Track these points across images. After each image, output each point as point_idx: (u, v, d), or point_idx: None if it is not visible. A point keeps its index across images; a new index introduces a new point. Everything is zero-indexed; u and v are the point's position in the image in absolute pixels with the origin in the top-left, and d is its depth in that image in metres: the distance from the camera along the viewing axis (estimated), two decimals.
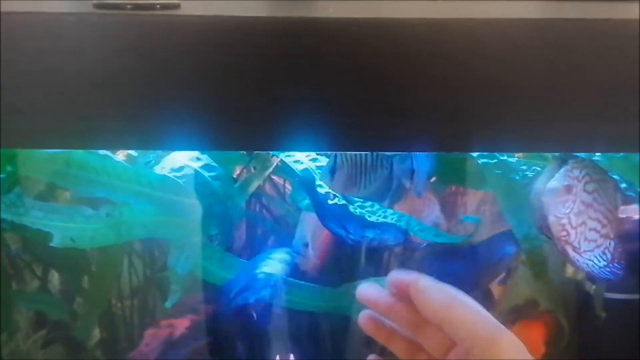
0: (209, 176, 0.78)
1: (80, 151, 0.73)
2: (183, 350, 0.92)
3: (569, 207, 0.68)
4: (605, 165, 0.73)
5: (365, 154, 0.75)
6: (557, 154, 0.70)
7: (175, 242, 0.80)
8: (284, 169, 0.87)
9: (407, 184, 0.76)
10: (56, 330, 1.06)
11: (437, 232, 0.87)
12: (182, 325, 0.92)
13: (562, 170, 0.69)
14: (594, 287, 0.97)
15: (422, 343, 0.39)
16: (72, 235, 0.75)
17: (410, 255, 0.94)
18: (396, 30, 0.53)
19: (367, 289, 0.41)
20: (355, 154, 0.74)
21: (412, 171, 0.76)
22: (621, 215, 0.93)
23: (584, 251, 0.70)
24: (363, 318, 0.42)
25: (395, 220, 0.84)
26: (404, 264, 0.94)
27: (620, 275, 0.73)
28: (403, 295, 0.38)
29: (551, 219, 0.68)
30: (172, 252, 0.80)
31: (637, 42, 0.51)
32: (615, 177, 0.74)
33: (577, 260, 0.70)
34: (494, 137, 0.58)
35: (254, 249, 1.02)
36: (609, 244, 0.71)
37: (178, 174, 0.77)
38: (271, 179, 0.97)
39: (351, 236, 0.83)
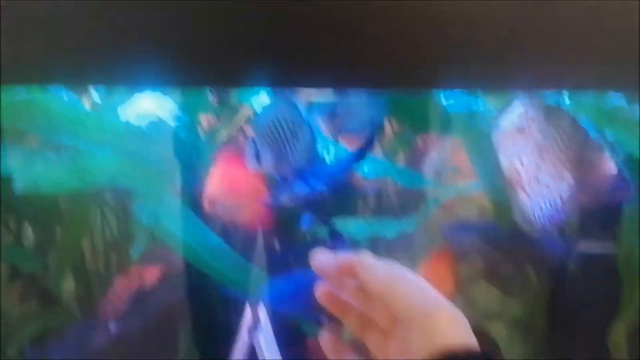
0: (175, 125, 0.77)
1: (43, 96, 0.71)
2: (155, 299, 0.93)
3: (522, 148, 0.67)
4: (574, 110, 0.71)
5: (281, 126, 0.74)
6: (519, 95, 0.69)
7: (140, 192, 0.79)
8: None
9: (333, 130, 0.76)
10: (31, 284, 1.07)
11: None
12: (152, 274, 0.93)
13: (516, 110, 0.68)
14: (565, 239, 0.97)
15: (373, 316, 0.40)
16: (35, 180, 0.74)
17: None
18: None
19: (321, 259, 0.41)
20: (271, 130, 0.73)
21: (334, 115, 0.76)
22: (594, 168, 0.93)
23: (535, 194, 0.69)
24: (319, 290, 0.43)
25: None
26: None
27: (563, 221, 0.71)
28: (350, 272, 0.39)
29: (504, 159, 0.67)
30: (137, 202, 0.79)
31: None
32: (583, 123, 0.72)
33: (526, 203, 0.69)
34: (462, 75, 0.57)
35: None
36: (560, 188, 0.70)
37: (142, 122, 0.76)
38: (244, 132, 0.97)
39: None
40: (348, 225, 0.93)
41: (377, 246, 1.11)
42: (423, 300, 0.36)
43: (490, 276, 1.29)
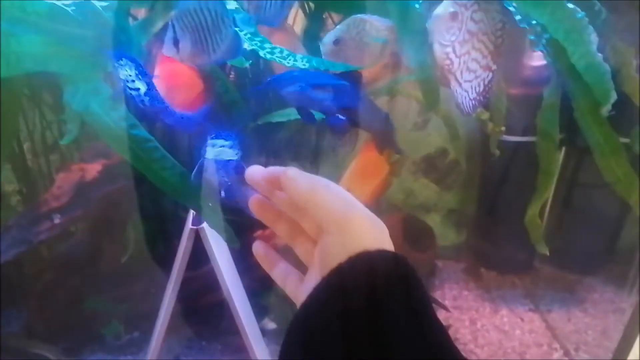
0: (101, 6, 0.74)
1: None
2: (96, 193, 0.94)
3: (454, 34, 0.68)
4: None
5: (204, 17, 0.72)
6: None
7: (69, 77, 0.77)
8: None
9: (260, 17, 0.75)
10: None
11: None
12: (93, 169, 0.93)
13: None
14: (491, 126, 1.01)
15: (302, 225, 0.43)
16: None
17: None
18: None
19: (253, 171, 0.44)
20: (194, 19, 0.71)
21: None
22: (527, 62, 0.96)
23: (464, 81, 0.71)
24: (252, 202, 0.46)
25: (305, 62, 0.83)
26: None
27: (477, 108, 0.74)
28: (277, 184, 0.42)
29: (436, 46, 0.68)
30: (66, 87, 0.77)
31: None
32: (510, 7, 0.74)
33: (456, 91, 0.71)
34: None
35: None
36: (487, 75, 0.72)
37: (66, 2, 0.72)
38: None
39: None
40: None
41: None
42: (340, 208, 0.39)
43: (429, 172, 1.36)
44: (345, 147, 0.97)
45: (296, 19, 1.10)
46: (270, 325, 1.17)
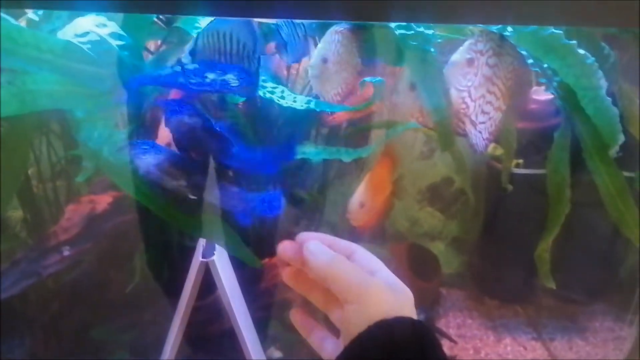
0: (117, 45, 0.74)
1: None
2: (106, 225, 0.94)
3: (470, 80, 0.70)
4: (513, 40, 0.74)
5: (231, 44, 0.72)
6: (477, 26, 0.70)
7: (86, 115, 0.77)
8: None
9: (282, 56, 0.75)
10: None
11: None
12: (103, 201, 0.93)
13: (466, 43, 0.70)
14: (501, 162, 1.02)
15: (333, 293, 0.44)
16: None
17: None
18: None
19: (284, 249, 0.46)
20: (219, 41, 0.71)
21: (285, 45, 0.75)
22: (532, 96, 0.97)
23: (479, 123, 0.73)
24: (286, 275, 0.48)
25: (304, 103, 0.84)
26: None
27: (488, 146, 0.76)
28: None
29: (452, 91, 0.69)
30: (83, 126, 0.77)
31: None
32: (522, 51, 0.75)
33: (470, 132, 0.72)
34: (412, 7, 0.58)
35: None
36: (499, 115, 0.74)
37: (82, 40, 0.73)
38: None
39: None
40: (306, 149, 0.95)
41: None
42: (358, 279, 0.41)
43: (434, 201, 1.37)
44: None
45: None
46: (277, 354, 1.17)
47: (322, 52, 0.80)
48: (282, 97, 0.81)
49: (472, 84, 0.70)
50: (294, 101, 0.81)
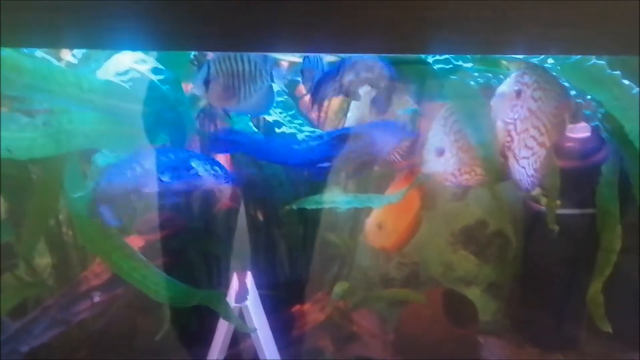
0: (157, 80, 0.74)
1: (14, 53, 0.67)
2: None
3: (517, 112, 0.68)
4: (556, 72, 0.72)
5: (242, 65, 0.72)
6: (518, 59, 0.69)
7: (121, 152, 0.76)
8: None
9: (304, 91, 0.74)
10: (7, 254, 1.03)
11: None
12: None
13: (513, 75, 0.69)
14: (545, 201, 0.98)
15: None
16: (7, 145, 0.70)
17: None
18: None
19: None
20: (231, 64, 0.71)
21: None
22: (570, 134, 0.94)
23: (522, 158, 0.70)
24: None
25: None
26: None
27: (537, 185, 0.73)
28: None
29: (499, 123, 0.68)
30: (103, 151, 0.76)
31: None
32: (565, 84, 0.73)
33: (513, 166, 0.70)
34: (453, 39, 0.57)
35: None
36: (543, 152, 0.71)
37: (123, 78, 0.73)
38: None
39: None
40: (336, 197, 0.94)
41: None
42: None
43: (469, 243, 1.32)
44: None
45: None
46: None
47: None
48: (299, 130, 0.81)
49: (518, 117, 0.68)
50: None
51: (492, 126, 0.71)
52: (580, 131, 0.94)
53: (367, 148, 0.87)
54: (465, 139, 0.75)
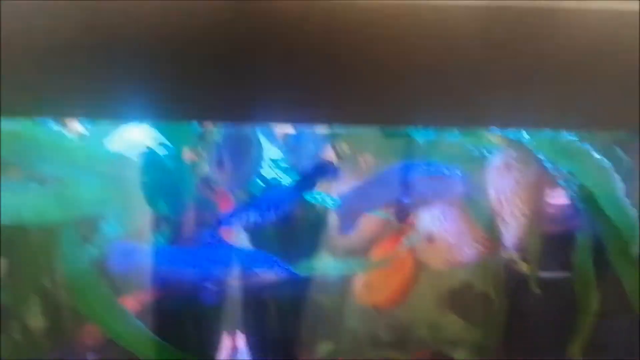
0: (160, 151, 0.79)
1: (29, 125, 0.72)
2: None
3: (506, 183, 0.74)
4: (532, 146, 0.79)
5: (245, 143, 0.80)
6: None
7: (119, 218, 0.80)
8: None
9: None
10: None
11: None
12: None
13: (502, 149, 0.76)
14: (526, 266, 1.03)
15: None
16: (17, 212, 0.74)
17: None
18: (344, 13, 0.57)
19: None
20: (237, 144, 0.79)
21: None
22: (548, 200, 1.01)
23: (509, 225, 0.76)
24: None
25: None
26: None
27: (519, 251, 0.79)
28: None
29: (492, 194, 0.74)
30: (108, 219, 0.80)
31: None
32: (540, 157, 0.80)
33: (504, 234, 0.75)
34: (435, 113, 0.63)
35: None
36: (524, 221, 0.77)
37: (129, 149, 0.78)
38: None
39: None
40: (325, 261, 0.98)
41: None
42: None
43: (456, 306, 1.35)
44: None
45: None
46: None
47: None
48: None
49: (507, 187, 0.74)
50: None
51: (487, 196, 0.77)
52: (558, 198, 1.01)
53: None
54: (453, 224, 0.81)
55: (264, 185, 0.88)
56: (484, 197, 0.79)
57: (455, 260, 0.87)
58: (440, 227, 0.85)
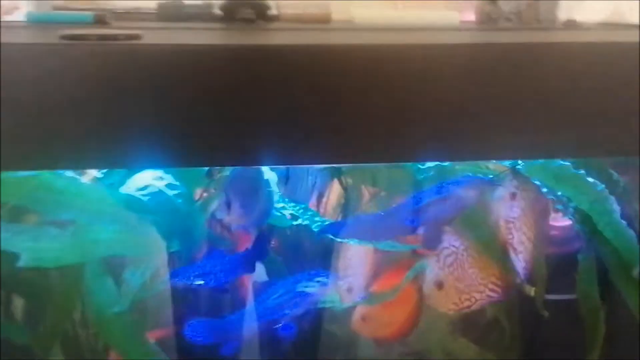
0: (172, 194, 0.83)
1: (48, 174, 0.77)
2: None
3: (515, 212, 0.77)
4: (527, 173, 0.82)
5: (250, 181, 0.84)
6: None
7: (135, 258, 0.84)
8: None
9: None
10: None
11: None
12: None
13: (506, 179, 0.79)
14: (533, 289, 1.05)
15: None
16: (38, 255, 0.78)
17: None
18: (344, 55, 0.61)
19: None
20: (242, 183, 0.83)
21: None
22: (551, 222, 1.03)
23: (519, 252, 0.79)
24: None
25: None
26: None
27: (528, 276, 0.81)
28: None
29: (501, 223, 0.77)
30: (130, 267, 0.84)
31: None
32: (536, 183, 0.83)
33: (514, 261, 0.78)
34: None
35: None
36: (530, 246, 0.80)
37: (142, 193, 0.82)
38: None
39: None
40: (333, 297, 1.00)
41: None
42: None
43: (468, 331, 1.36)
44: None
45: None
46: None
47: None
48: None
49: (515, 216, 0.77)
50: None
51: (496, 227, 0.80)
52: (560, 220, 1.03)
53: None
54: (459, 270, 0.84)
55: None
56: (493, 227, 0.82)
57: (464, 306, 0.88)
58: (449, 272, 0.87)
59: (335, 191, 1.20)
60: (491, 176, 0.86)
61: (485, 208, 0.84)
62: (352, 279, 0.93)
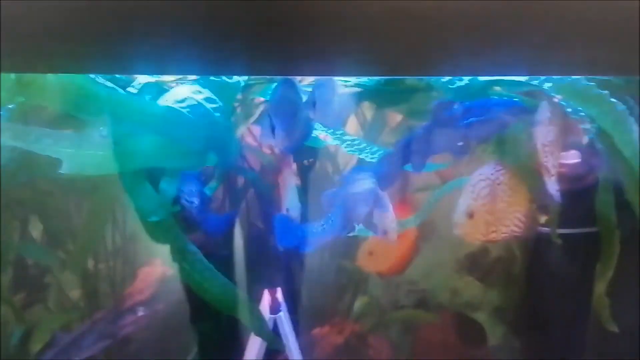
0: (211, 107, 0.84)
1: (89, 82, 0.77)
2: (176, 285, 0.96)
3: (551, 136, 0.81)
4: (554, 92, 0.85)
5: (289, 104, 0.84)
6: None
7: (171, 170, 0.85)
8: None
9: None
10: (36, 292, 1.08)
11: None
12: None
13: (543, 103, 0.82)
14: (545, 219, 1.09)
15: None
16: (80, 162, 0.79)
17: None
18: None
19: None
20: (283, 107, 0.84)
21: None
22: (564, 161, 1.07)
23: (551, 175, 0.82)
24: None
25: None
26: None
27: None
28: None
29: (539, 146, 0.80)
30: (165, 177, 0.85)
31: None
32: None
33: (548, 183, 0.81)
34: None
35: (234, 200, 1.09)
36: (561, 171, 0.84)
37: (182, 105, 0.82)
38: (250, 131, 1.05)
39: None
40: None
41: None
42: None
43: (473, 269, 1.41)
44: None
45: None
46: None
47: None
48: (361, 150, 0.90)
49: (552, 140, 0.80)
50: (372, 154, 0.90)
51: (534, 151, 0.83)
52: (572, 157, 1.07)
53: None
54: (492, 202, 0.86)
55: None
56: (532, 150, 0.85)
57: (490, 239, 0.91)
58: (481, 204, 0.90)
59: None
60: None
61: (520, 131, 0.86)
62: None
